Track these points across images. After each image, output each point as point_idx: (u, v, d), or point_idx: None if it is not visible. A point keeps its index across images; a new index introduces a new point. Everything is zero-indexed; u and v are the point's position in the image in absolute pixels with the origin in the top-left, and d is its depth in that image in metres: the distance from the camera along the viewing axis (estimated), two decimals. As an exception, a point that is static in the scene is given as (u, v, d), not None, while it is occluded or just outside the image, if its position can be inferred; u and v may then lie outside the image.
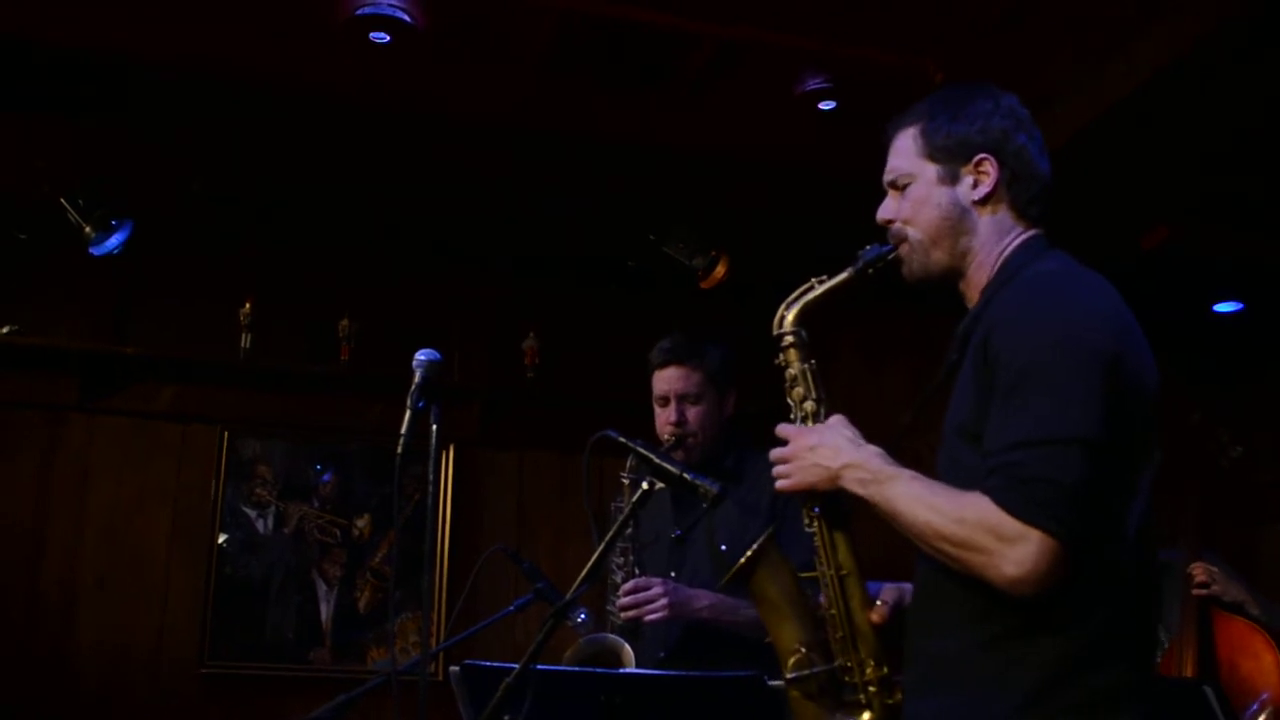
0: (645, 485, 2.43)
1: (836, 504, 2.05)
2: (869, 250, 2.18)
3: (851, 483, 2.00)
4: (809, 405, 2.17)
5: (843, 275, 2.18)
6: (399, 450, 2.61)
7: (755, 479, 3.22)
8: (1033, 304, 1.95)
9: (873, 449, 2.03)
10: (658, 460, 2.43)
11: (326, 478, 5.35)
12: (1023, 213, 2.13)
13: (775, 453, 2.11)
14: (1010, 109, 2.16)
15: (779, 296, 2.25)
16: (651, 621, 3.17)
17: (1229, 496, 5.28)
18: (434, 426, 2.69)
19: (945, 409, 2.08)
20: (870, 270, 2.17)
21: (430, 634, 4.92)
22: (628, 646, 3.15)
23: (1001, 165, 2.11)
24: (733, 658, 2.92)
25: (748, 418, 3.42)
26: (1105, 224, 4.98)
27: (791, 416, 2.18)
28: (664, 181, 4.96)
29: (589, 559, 2.40)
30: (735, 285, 5.30)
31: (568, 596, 2.54)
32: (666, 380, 3.43)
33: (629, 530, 3.27)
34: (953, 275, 2.15)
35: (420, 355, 2.72)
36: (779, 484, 2.10)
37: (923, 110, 2.18)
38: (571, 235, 5.42)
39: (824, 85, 4.25)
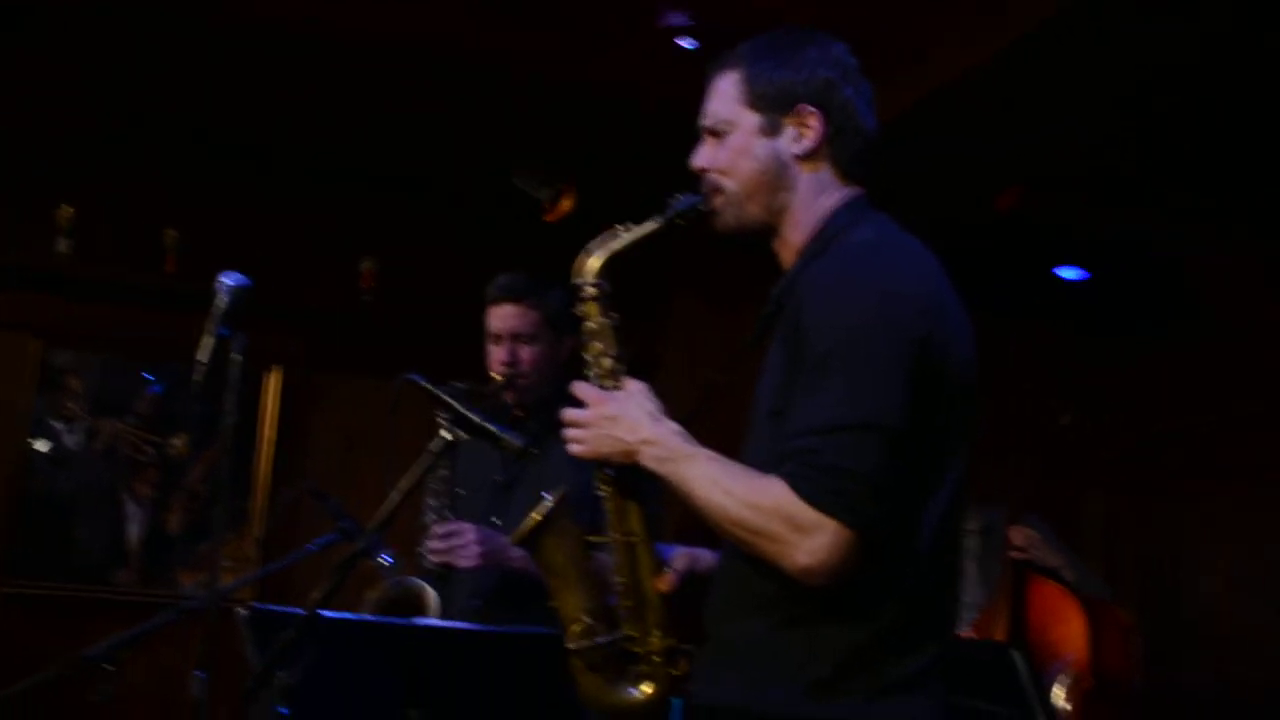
0: (448, 435, 2.35)
1: (632, 471, 2.00)
2: (681, 200, 2.10)
3: (648, 459, 1.96)
4: (607, 362, 2.10)
5: (650, 224, 2.10)
6: (196, 378, 2.52)
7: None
8: (843, 279, 1.90)
9: (672, 426, 1.99)
10: (461, 409, 2.37)
11: (144, 394, 5.16)
12: (845, 170, 2.07)
13: (570, 414, 2.06)
14: (838, 59, 2.09)
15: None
16: (462, 569, 3.12)
17: (1056, 461, 5.41)
18: (237, 356, 2.59)
19: (757, 370, 2.05)
20: (680, 221, 2.10)
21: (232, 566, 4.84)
22: (432, 592, 3.10)
23: (826, 119, 2.04)
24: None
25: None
26: (956, 185, 5.00)
27: (587, 372, 2.11)
28: (518, 109, 4.85)
29: (416, 494, 2.33)
30: (588, 226, 5.20)
31: (365, 539, 2.49)
32: (501, 317, 3.36)
33: (442, 473, 3.20)
34: (767, 232, 2.09)
35: (226, 279, 2.61)
36: (571, 448, 2.05)
37: (747, 54, 2.10)
38: (416, 159, 5.29)
39: (686, 23, 4.17)
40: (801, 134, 2.04)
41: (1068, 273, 6.00)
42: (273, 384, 5.28)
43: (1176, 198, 5.18)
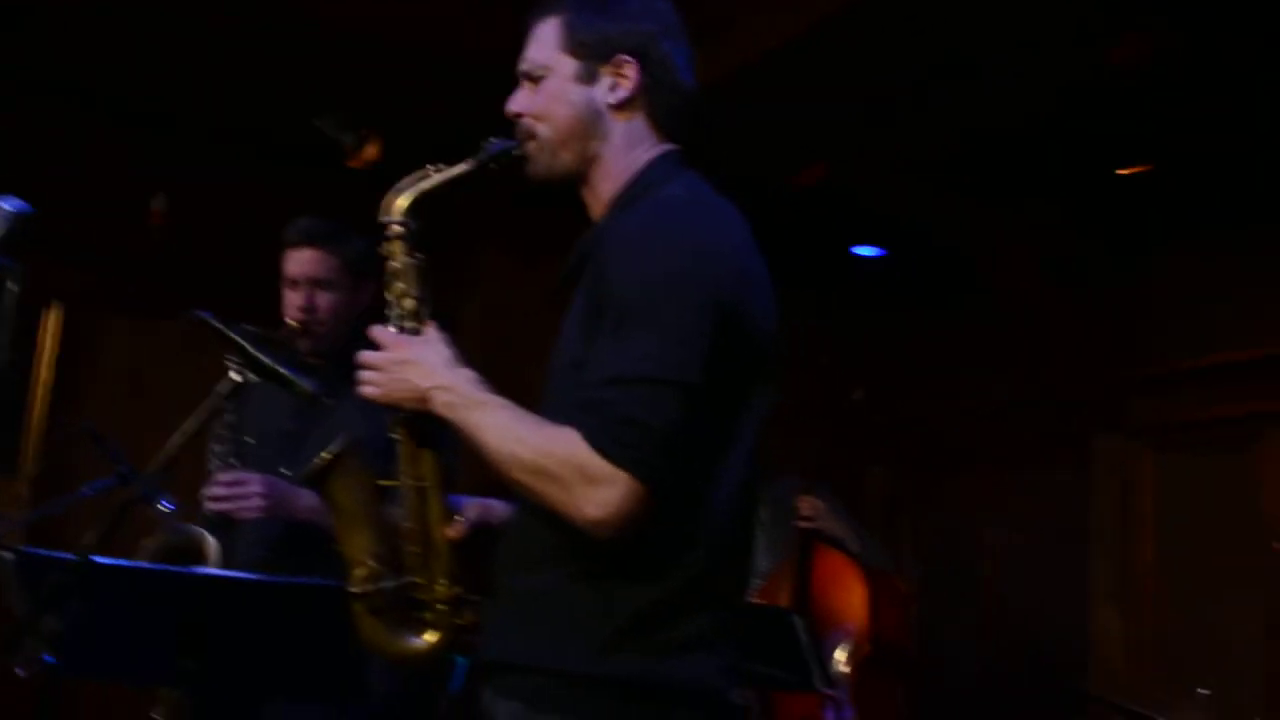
0: (236, 377, 2.28)
1: (426, 418, 1.98)
2: (494, 144, 2.09)
3: (439, 405, 1.93)
4: (408, 303, 2.07)
5: (462, 166, 2.09)
6: None
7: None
8: (651, 234, 1.90)
9: (466, 372, 1.97)
10: (252, 351, 2.30)
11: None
12: (660, 124, 2.08)
13: (365, 356, 2.02)
14: (661, 14, 2.10)
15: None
16: (245, 519, 3.04)
17: (843, 435, 5.58)
18: (11, 286, 2.46)
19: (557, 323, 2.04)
20: (493, 165, 2.08)
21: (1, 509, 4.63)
22: (212, 540, 3.00)
23: (643, 70, 2.05)
24: (340, 558, 2.82)
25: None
26: (760, 156, 5.06)
27: (388, 313, 2.08)
28: (315, 54, 4.73)
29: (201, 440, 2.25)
30: (395, 175, 5.10)
31: (143, 483, 2.41)
32: (299, 262, 3.28)
33: (228, 418, 3.11)
34: (578, 180, 2.09)
35: (5, 204, 2.48)
36: (364, 390, 2.01)
37: (569, 1, 2.09)
38: (215, 97, 5.10)
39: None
40: (618, 83, 2.05)
41: (864, 250, 6.16)
42: (52, 321, 5.07)
43: (971, 182, 5.35)
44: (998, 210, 5.58)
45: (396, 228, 2.09)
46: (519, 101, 2.10)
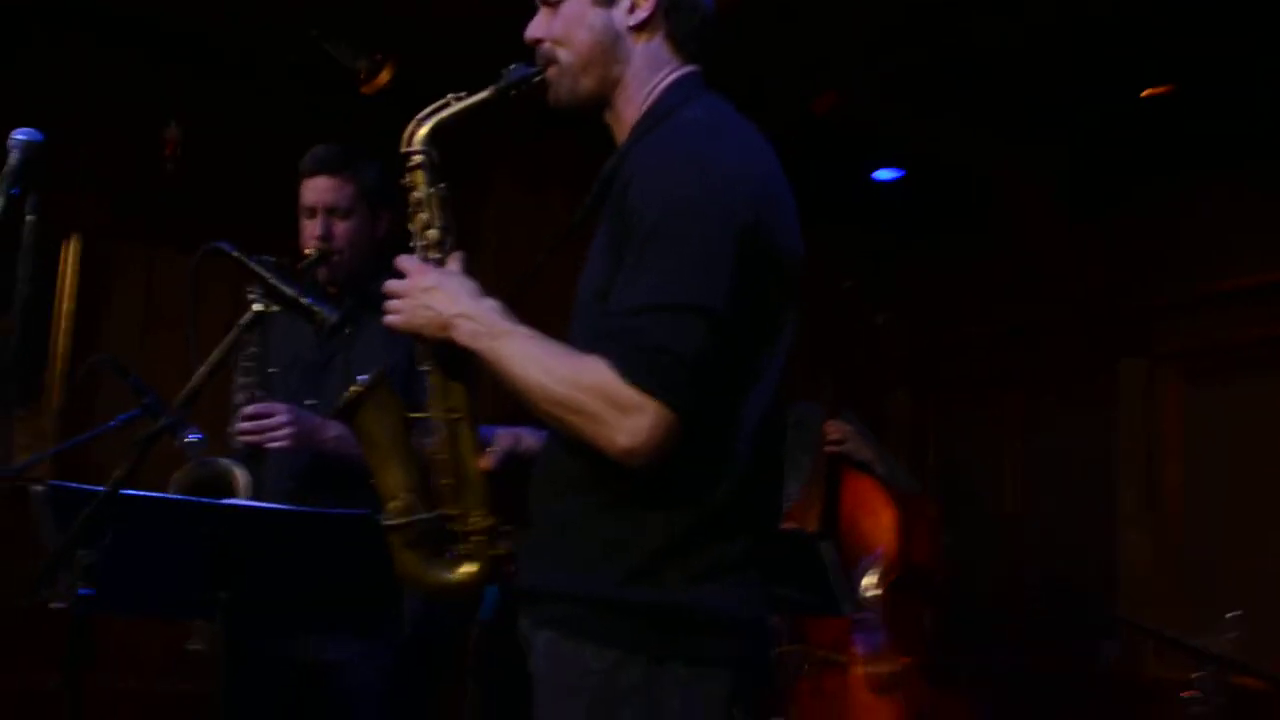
0: (258, 307, 2.26)
1: (454, 348, 1.95)
2: (515, 70, 2.07)
3: (462, 333, 1.91)
4: (432, 233, 2.06)
5: (483, 94, 2.06)
6: None
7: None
8: (672, 158, 1.87)
9: (490, 302, 1.95)
10: (273, 281, 2.28)
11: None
12: (680, 45, 2.05)
13: (390, 285, 2.00)
14: None
15: None
16: (274, 450, 3.04)
17: (869, 360, 5.56)
18: (29, 217, 2.44)
19: (584, 252, 2.01)
20: (513, 91, 2.06)
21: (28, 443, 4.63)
22: (240, 472, 3.01)
23: None
24: (369, 490, 2.84)
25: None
26: (775, 83, 5.01)
27: (412, 244, 2.07)
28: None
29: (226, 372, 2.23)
30: (407, 99, 5.04)
31: (169, 415, 2.39)
32: (315, 190, 3.25)
33: (252, 350, 3.10)
34: (602, 104, 2.07)
35: (18, 134, 2.48)
36: (388, 319, 1.99)
37: None
38: (227, 22, 5.02)
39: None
40: (636, 4, 2.02)
41: (883, 174, 6.11)
42: (71, 252, 5.00)
43: (984, 106, 5.29)
44: (1014, 133, 5.52)
45: (418, 157, 2.07)
46: (537, 27, 2.07)
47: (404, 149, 2.08)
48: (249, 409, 3.07)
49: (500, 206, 5.66)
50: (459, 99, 2.07)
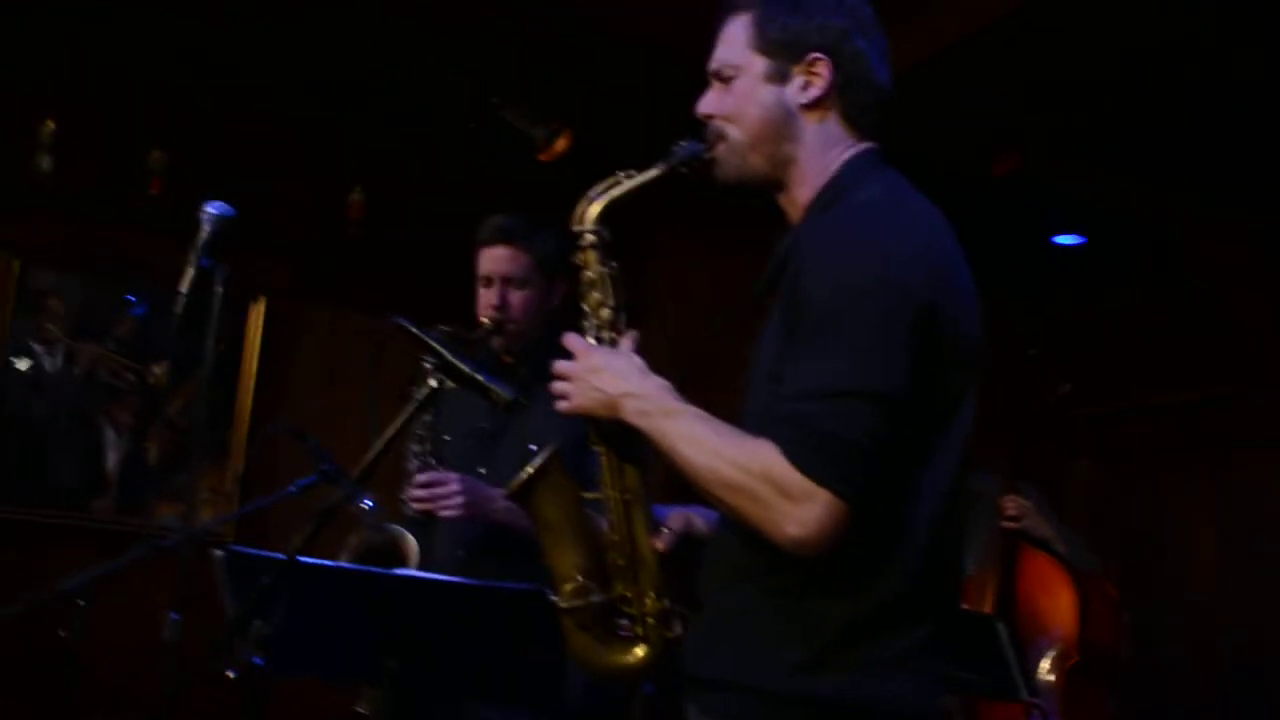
0: (433, 383, 2.29)
1: (625, 427, 1.95)
2: (683, 147, 2.07)
3: (631, 413, 1.91)
4: (605, 313, 2.07)
5: (652, 171, 2.07)
6: (177, 311, 2.49)
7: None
8: (846, 239, 1.85)
9: (658, 380, 1.94)
10: (450, 357, 2.30)
11: (126, 318, 5.07)
12: (855, 122, 2.03)
13: (559, 366, 2.02)
14: (853, 8, 2.05)
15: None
16: (446, 518, 3.08)
17: (1048, 429, 5.40)
18: (218, 289, 2.53)
19: (758, 331, 2.01)
20: (683, 169, 2.06)
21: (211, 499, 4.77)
22: (412, 540, 3.06)
23: (836, 68, 2.00)
24: (540, 560, 2.85)
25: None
26: (956, 146, 5.00)
27: (584, 324, 2.08)
28: (518, 45, 4.77)
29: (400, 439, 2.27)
30: (584, 169, 5.12)
31: (346, 484, 2.44)
32: (492, 259, 3.30)
33: (426, 418, 3.15)
34: (772, 185, 2.06)
35: (210, 208, 2.56)
36: (559, 404, 2.01)
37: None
38: (411, 90, 5.18)
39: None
40: (809, 82, 2.01)
41: (1065, 239, 5.97)
42: (257, 315, 5.18)
43: (1172, 164, 5.14)
44: (1204, 191, 5.34)
45: (590, 236, 2.09)
46: (709, 103, 2.07)
47: (575, 227, 2.10)
48: (422, 477, 3.11)
49: (672, 273, 5.72)
50: (629, 176, 2.08)
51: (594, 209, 2.09)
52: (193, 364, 5.03)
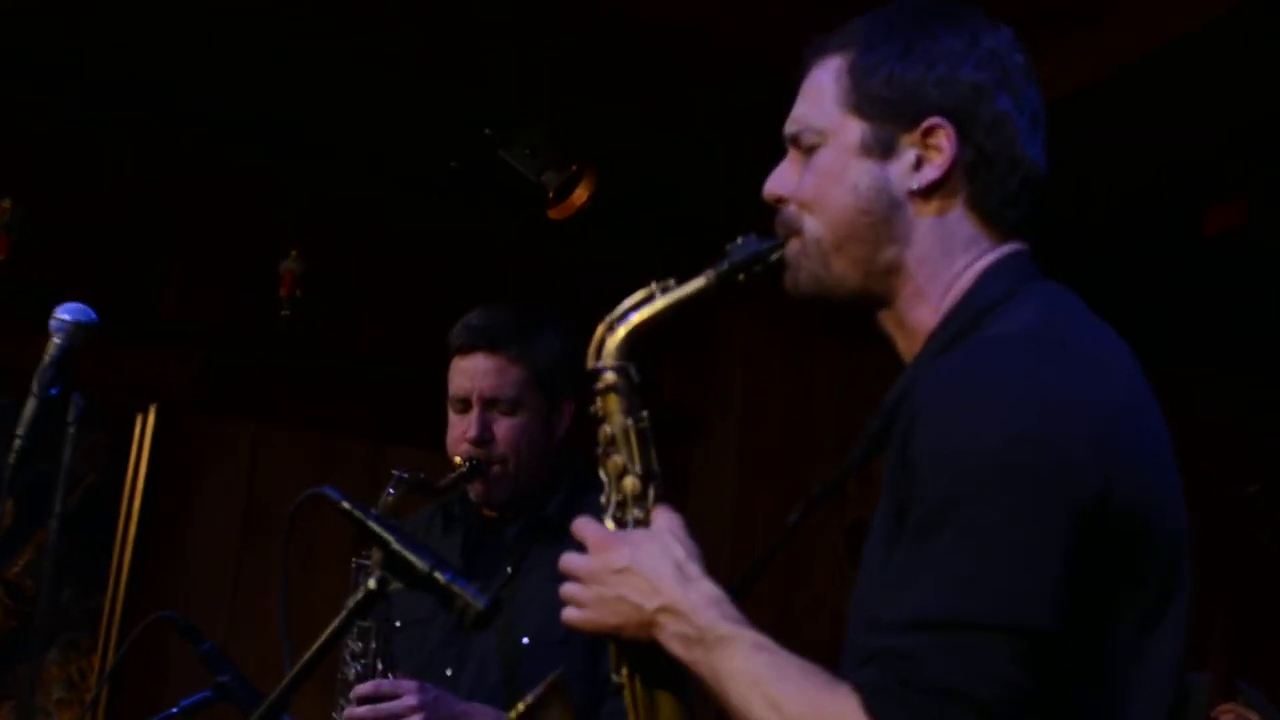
0: (372, 585, 2.22)
1: (660, 650, 1.92)
2: (743, 245, 2.04)
3: (670, 638, 1.87)
4: (630, 483, 2.02)
5: (698, 282, 2.03)
6: (12, 454, 2.51)
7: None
8: (972, 391, 1.77)
9: (706, 588, 1.89)
10: (397, 546, 2.22)
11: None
12: (990, 216, 2.00)
13: (566, 563, 1.98)
14: (995, 54, 2.01)
15: (672, 246, 2.11)
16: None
17: (1276, 598, 5.39)
18: (70, 428, 2.51)
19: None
20: (740, 276, 2.04)
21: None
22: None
23: (963, 139, 1.96)
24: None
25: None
26: (1151, 197, 5.03)
27: (604, 500, 2.04)
28: (511, 52, 4.81)
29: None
30: (612, 226, 5.17)
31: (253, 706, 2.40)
32: (470, 373, 3.26)
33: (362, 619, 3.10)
34: (869, 301, 2.03)
35: (63, 312, 2.55)
36: (566, 616, 1.97)
37: (859, 33, 2.04)
38: (365, 122, 5.25)
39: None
40: (924, 158, 1.98)
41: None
42: (144, 433, 5.19)
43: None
44: None
45: (611, 376, 2.04)
46: (781, 180, 2.06)
47: (591, 364, 2.06)
48: (365, 688, 3.06)
49: (750, 364, 5.79)
50: (665, 290, 2.04)
51: (616, 338, 2.05)
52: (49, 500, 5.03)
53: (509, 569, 3.20)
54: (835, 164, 2.00)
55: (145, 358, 5.05)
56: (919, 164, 1.97)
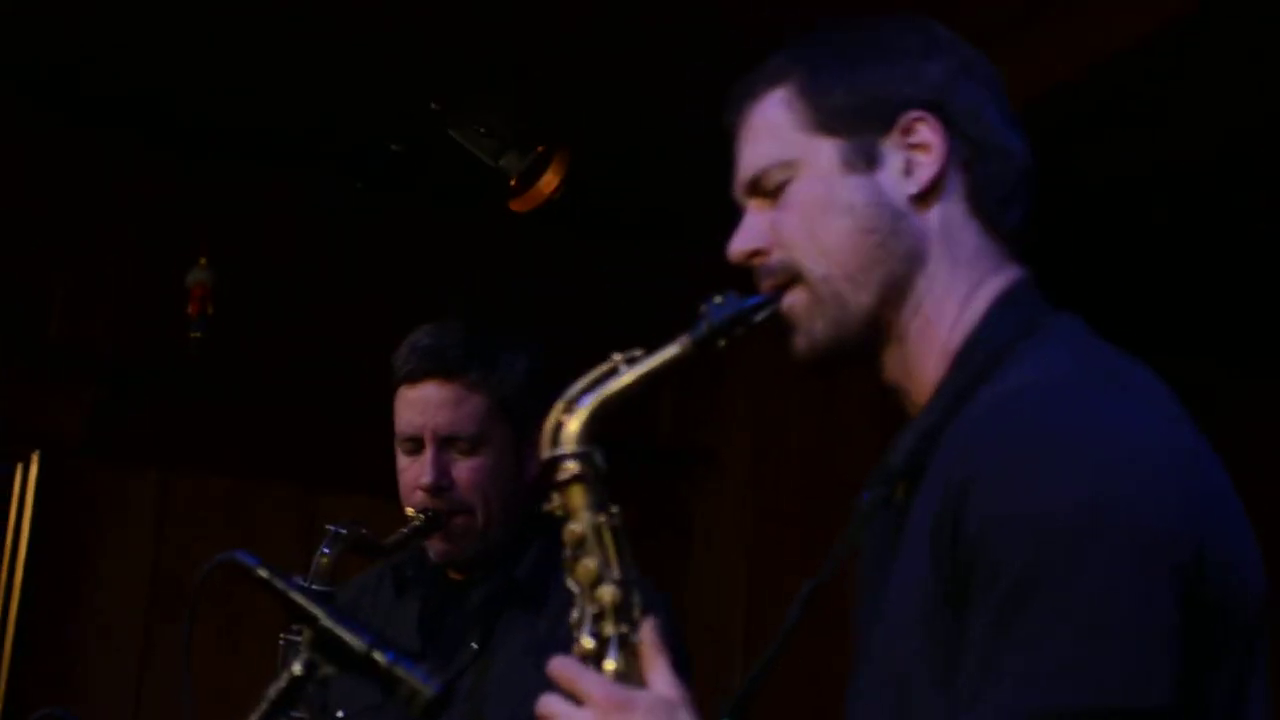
0: (296, 669, 2.20)
1: None
2: (721, 304, 2.05)
3: None
4: (608, 592, 2.01)
5: (671, 351, 2.03)
6: None
7: (565, 599, 3.10)
8: (1043, 441, 1.81)
9: None
10: (327, 623, 2.20)
11: None
12: (994, 220, 2.06)
13: (545, 709, 1.96)
14: (952, 44, 2.10)
15: (656, 247, 2.09)
16: None
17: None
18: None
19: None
20: (721, 342, 2.03)
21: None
22: None
23: (948, 128, 2.03)
24: None
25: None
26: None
27: (573, 619, 2.03)
28: (466, 21, 4.81)
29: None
30: (586, 222, 5.23)
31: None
32: (421, 405, 3.27)
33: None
34: (878, 339, 2.06)
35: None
36: None
37: (795, 59, 2.10)
38: (286, 97, 5.25)
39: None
40: (914, 157, 2.04)
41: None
42: (25, 484, 5.19)
43: None
44: None
45: (573, 465, 2.03)
46: (752, 233, 2.09)
47: (548, 452, 2.05)
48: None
49: (761, 389, 5.86)
50: (631, 361, 2.04)
51: (575, 423, 2.04)
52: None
53: (473, 644, 3.19)
54: (817, 191, 2.04)
55: (26, 393, 5.07)
56: (909, 167, 2.03)
